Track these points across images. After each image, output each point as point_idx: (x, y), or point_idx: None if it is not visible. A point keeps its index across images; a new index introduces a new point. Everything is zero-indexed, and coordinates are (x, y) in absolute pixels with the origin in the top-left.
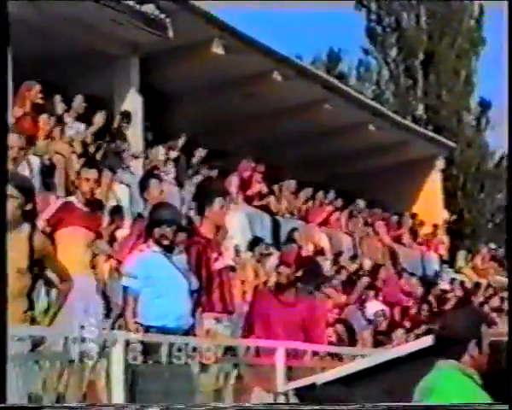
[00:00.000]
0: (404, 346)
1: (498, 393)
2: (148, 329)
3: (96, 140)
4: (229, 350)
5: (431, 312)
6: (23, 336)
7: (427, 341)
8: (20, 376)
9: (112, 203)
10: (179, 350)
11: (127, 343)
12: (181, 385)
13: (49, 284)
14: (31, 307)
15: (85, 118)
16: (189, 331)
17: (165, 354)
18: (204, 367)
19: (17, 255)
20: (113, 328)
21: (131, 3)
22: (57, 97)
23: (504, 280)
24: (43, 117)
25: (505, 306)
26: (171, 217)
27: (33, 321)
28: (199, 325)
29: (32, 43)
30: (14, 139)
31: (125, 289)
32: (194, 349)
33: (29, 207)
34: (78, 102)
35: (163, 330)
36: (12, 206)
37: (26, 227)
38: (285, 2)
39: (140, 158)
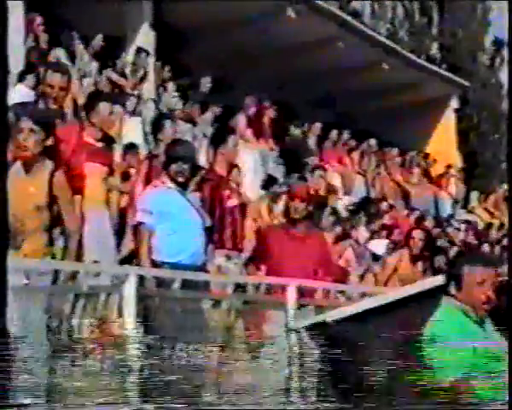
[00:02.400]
0: (415, 284)
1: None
2: (161, 265)
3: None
4: (240, 287)
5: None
6: (43, 270)
7: (438, 280)
8: (38, 308)
9: (124, 140)
10: (191, 286)
11: (140, 278)
12: (193, 321)
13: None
14: (51, 243)
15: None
16: (202, 268)
17: (177, 289)
18: (215, 303)
19: (37, 192)
20: (126, 263)
21: None
22: (74, 34)
23: None
24: (56, 51)
25: None
26: (187, 154)
27: (54, 257)
28: (210, 261)
29: None
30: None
31: (140, 224)
32: (206, 285)
33: (50, 142)
34: (97, 40)
35: (176, 267)
36: (32, 141)
37: (47, 164)
38: None
39: (152, 95)
